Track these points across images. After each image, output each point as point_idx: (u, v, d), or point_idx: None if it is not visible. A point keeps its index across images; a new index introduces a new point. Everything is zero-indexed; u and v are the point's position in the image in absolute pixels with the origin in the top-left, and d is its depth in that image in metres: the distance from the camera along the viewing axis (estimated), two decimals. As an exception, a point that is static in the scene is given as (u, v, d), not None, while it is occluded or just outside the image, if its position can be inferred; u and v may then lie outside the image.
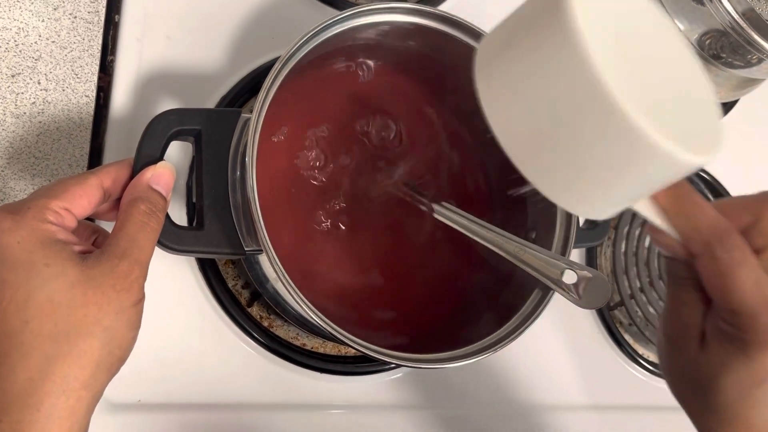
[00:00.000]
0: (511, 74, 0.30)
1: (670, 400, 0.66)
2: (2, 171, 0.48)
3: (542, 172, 0.31)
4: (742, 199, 0.36)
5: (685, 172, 0.31)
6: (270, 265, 0.39)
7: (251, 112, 0.40)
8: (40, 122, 0.50)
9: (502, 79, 0.30)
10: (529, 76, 0.29)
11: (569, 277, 0.44)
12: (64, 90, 0.50)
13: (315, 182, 0.48)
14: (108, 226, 0.39)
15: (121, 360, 0.35)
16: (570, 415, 0.60)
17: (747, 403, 0.35)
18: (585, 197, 0.32)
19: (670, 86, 0.32)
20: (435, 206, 0.47)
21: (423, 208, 0.48)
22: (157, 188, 0.38)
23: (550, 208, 0.48)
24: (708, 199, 0.72)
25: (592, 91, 0.27)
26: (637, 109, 0.27)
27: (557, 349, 0.62)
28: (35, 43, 0.50)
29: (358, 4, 0.45)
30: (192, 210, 0.51)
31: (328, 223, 0.48)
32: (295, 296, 0.39)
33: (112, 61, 0.52)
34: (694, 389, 0.37)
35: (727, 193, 0.71)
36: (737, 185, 0.72)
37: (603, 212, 0.33)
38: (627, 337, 0.66)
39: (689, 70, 0.34)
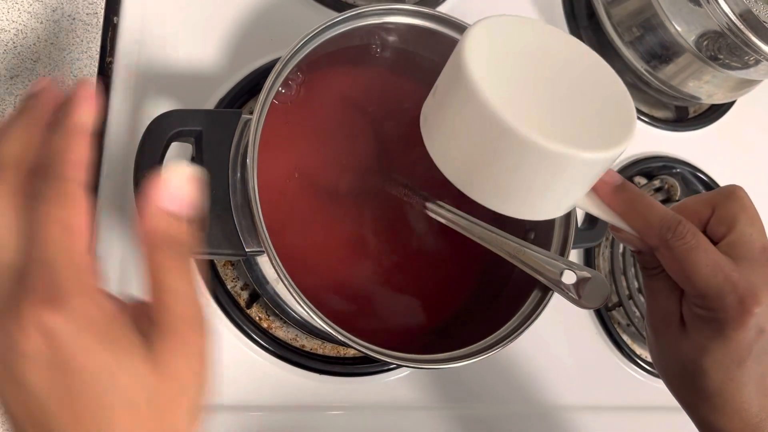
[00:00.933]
0: (439, 122, 0.38)
1: (668, 400, 0.66)
2: (1, 173, 0.48)
3: (482, 192, 0.38)
4: (700, 196, 0.40)
5: (599, 167, 0.36)
6: (270, 266, 0.39)
7: (251, 113, 0.40)
8: (38, 124, 0.49)
9: (436, 127, 0.39)
10: (452, 122, 0.37)
11: (568, 278, 0.44)
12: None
13: (316, 183, 0.48)
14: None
15: None
16: (567, 415, 0.61)
17: (732, 385, 0.36)
18: (524, 203, 0.38)
19: (571, 96, 0.37)
20: (431, 205, 0.47)
21: (421, 207, 0.48)
22: (178, 212, 0.30)
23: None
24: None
25: (493, 124, 0.34)
26: (529, 127, 0.33)
27: (555, 350, 0.62)
28: (34, 44, 0.50)
29: (357, 6, 0.45)
30: (191, 211, 0.51)
31: (330, 224, 0.48)
32: (296, 297, 0.39)
33: (111, 63, 0.52)
34: (682, 376, 0.39)
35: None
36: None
37: (547, 213, 0.40)
38: (625, 337, 0.66)
39: (598, 77, 0.39)
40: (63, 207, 0.27)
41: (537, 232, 0.50)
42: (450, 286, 0.51)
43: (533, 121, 0.34)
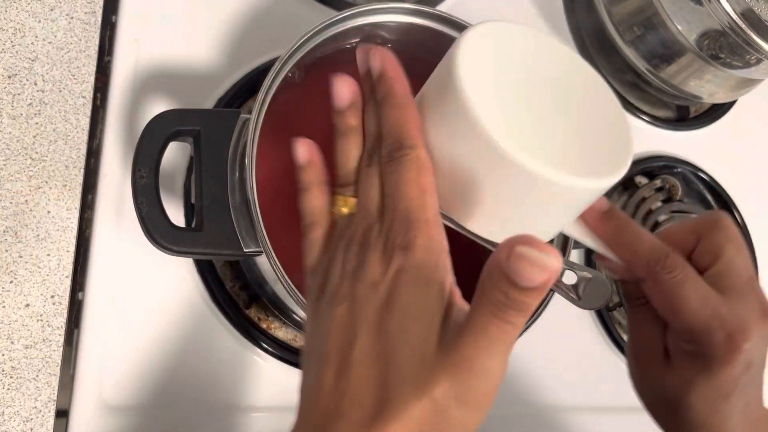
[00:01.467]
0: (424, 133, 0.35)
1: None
2: (-1, 172, 0.48)
3: (464, 214, 0.35)
4: (685, 224, 0.38)
5: (592, 196, 0.34)
6: (269, 266, 0.39)
7: (250, 112, 0.40)
8: (36, 123, 0.49)
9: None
10: (436, 135, 0.34)
11: (569, 278, 0.44)
12: (60, 91, 0.50)
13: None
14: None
15: None
16: (569, 416, 0.60)
17: (718, 418, 0.36)
18: (507, 230, 0.34)
19: (568, 117, 0.35)
20: None
21: None
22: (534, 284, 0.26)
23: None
24: (708, 201, 0.72)
25: (480, 142, 0.31)
26: (519, 148, 0.31)
27: (556, 351, 0.62)
28: (32, 43, 0.50)
29: (356, 5, 0.45)
30: (191, 211, 0.51)
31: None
32: (294, 297, 0.38)
33: (109, 62, 0.52)
34: (665, 407, 0.38)
35: (726, 194, 0.72)
36: (736, 186, 0.72)
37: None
38: (626, 338, 0.65)
39: (595, 97, 0.37)
40: (416, 171, 0.32)
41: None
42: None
43: (525, 142, 0.32)
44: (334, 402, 0.28)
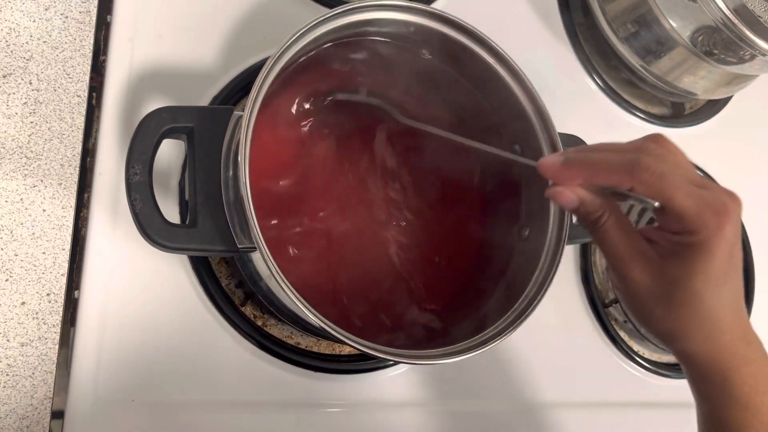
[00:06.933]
0: None
1: (666, 396, 0.67)
2: (-6, 171, 0.48)
3: None
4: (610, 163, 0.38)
5: None
6: (263, 263, 0.39)
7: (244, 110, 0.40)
8: (31, 122, 0.49)
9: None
10: None
11: None
12: (55, 90, 0.50)
13: (308, 179, 0.48)
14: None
15: None
16: (565, 412, 0.60)
17: (721, 302, 0.38)
18: None
19: None
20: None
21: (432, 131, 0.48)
22: None
23: (543, 204, 0.48)
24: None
25: None
26: None
27: (552, 346, 0.62)
28: (26, 43, 0.50)
29: (349, 2, 0.45)
30: (185, 208, 0.51)
31: (322, 220, 0.48)
32: (289, 293, 0.38)
33: (104, 61, 0.52)
34: (667, 305, 0.39)
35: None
36: (731, 182, 0.72)
37: None
38: (622, 334, 0.66)
39: None
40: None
41: (531, 229, 0.49)
42: (443, 283, 0.51)
43: None
44: None
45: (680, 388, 0.66)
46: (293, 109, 0.49)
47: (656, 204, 0.37)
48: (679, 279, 0.38)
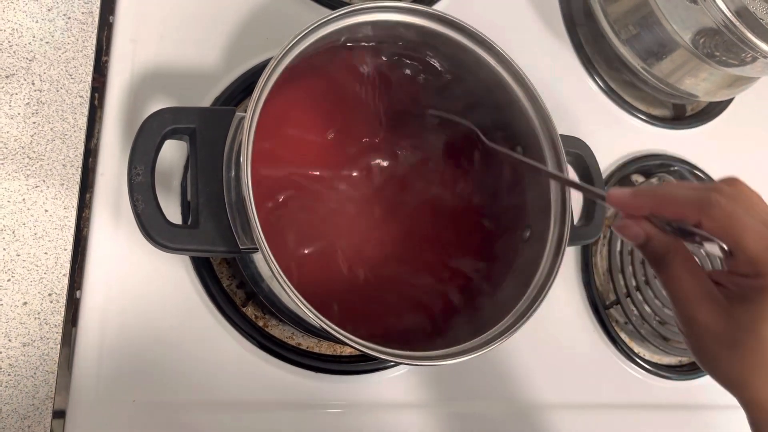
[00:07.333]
0: None
1: (666, 398, 0.67)
2: (-4, 171, 0.48)
3: None
4: (685, 197, 0.38)
5: None
6: (265, 264, 0.39)
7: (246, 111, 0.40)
8: (34, 123, 0.49)
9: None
10: None
11: None
12: (58, 91, 0.50)
13: (310, 180, 0.48)
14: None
15: None
16: (565, 413, 0.60)
17: None
18: None
19: None
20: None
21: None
22: None
23: (545, 206, 0.48)
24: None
25: None
26: None
27: (553, 347, 0.62)
28: (29, 43, 0.50)
29: (351, 4, 0.45)
30: (187, 208, 0.51)
31: (324, 221, 0.48)
32: (290, 294, 0.38)
33: (107, 62, 0.52)
34: (733, 350, 0.37)
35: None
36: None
37: None
38: (623, 335, 0.66)
39: None
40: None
41: (533, 230, 0.49)
42: (445, 284, 0.51)
43: None
44: None
45: (680, 390, 0.67)
46: (295, 109, 0.50)
47: (724, 245, 0.36)
48: (747, 324, 0.36)
